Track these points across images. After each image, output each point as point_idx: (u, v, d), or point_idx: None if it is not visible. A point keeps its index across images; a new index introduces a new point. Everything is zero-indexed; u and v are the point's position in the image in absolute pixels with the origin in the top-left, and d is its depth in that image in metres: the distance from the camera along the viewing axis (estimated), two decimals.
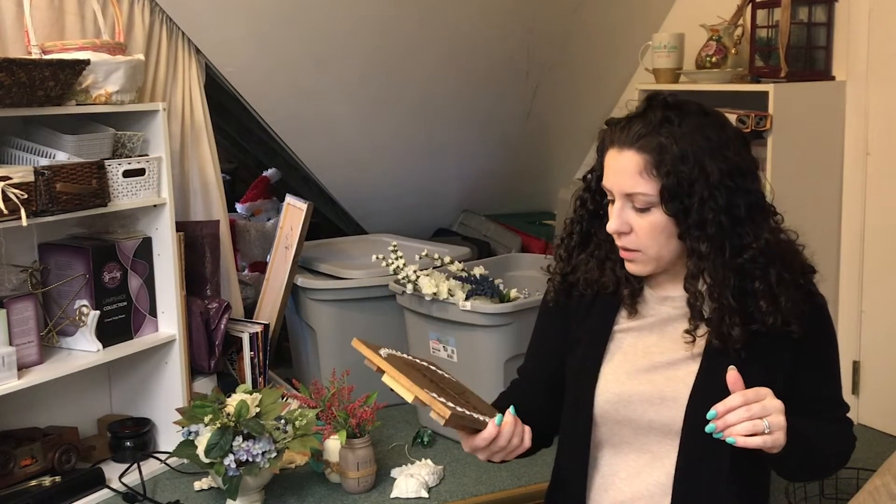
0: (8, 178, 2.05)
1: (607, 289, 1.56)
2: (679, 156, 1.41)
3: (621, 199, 1.46)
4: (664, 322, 1.54)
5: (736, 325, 1.43)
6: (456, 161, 3.62)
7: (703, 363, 1.47)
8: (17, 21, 2.33)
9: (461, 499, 2.31)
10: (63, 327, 2.38)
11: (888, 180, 2.64)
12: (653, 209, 1.44)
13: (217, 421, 2.19)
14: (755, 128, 2.60)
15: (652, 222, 1.44)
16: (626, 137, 1.45)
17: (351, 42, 3.02)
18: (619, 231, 1.47)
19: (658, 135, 1.42)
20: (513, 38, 3.29)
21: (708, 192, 1.41)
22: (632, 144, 1.44)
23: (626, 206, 1.46)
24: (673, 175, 1.40)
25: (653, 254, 1.47)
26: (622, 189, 1.45)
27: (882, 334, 2.69)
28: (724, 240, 1.42)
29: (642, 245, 1.46)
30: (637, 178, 1.43)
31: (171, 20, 2.69)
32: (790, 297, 1.45)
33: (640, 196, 1.43)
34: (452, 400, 1.42)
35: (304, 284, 2.94)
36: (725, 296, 1.43)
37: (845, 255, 2.75)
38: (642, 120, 1.45)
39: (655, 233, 1.45)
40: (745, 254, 1.43)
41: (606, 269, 1.56)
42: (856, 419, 2.75)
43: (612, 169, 1.47)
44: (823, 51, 2.76)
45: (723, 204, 1.41)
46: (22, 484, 2.26)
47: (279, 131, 3.22)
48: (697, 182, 1.41)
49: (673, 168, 1.40)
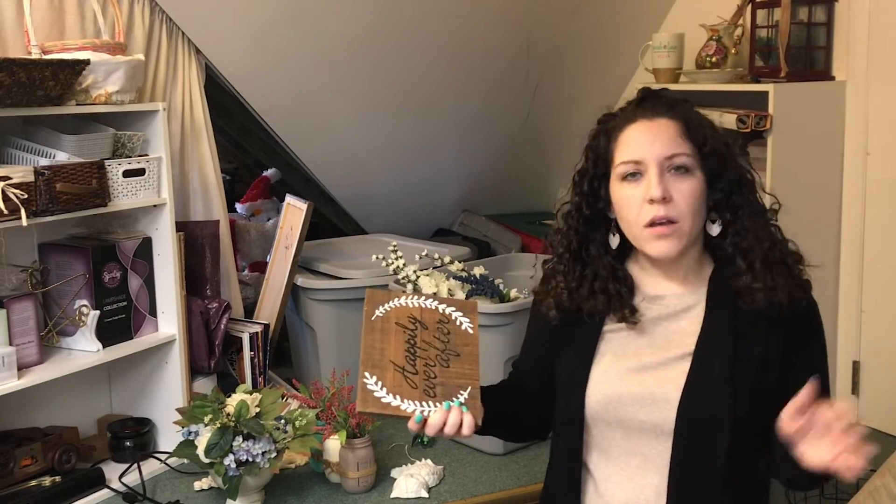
0: (8, 178, 2.05)
1: (602, 314, 1.57)
2: (708, 124, 1.52)
3: (658, 166, 1.46)
4: (654, 322, 1.54)
5: (781, 274, 1.48)
6: (456, 161, 3.62)
7: (695, 363, 1.47)
8: (17, 21, 2.33)
9: (461, 499, 2.31)
10: (63, 327, 2.38)
11: (888, 180, 2.64)
12: (692, 172, 1.48)
13: (217, 421, 2.19)
14: (755, 128, 2.60)
15: (693, 186, 1.47)
16: (653, 109, 1.51)
17: (351, 42, 3.02)
18: (664, 196, 1.45)
19: (681, 106, 1.52)
20: (513, 39, 3.29)
21: (733, 161, 1.52)
22: (664, 114, 1.49)
23: (664, 173, 1.47)
24: (710, 138, 1.49)
25: (687, 226, 1.48)
26: (663, 153, 1.47)
27: (882, 334, 2.69)
28: (753, 203, 1.52)
29: (681, 214, 1.46)
30: (679, 140, 1.47)
31: (171, 20, 2.69)
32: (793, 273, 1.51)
33: (683, 157, 1.47)
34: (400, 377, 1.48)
35: (304, 284, 2.94)
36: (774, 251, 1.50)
37: (845, 255, 2.75)
38: (658, 98, 1.54)
39: (695, 196, 1.47)
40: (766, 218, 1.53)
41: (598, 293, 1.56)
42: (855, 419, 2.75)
43: (644, 139, 1.49)
44: (823, 51, 2.76)
45: (742, 174, 1.52)
46: (22, 484, 2.26)
47: (279, 131, 3.22)
48: (723, 151, 1.50)
49: (707, 132, 1.49)
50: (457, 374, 1.50)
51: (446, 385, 1.49)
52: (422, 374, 1.49)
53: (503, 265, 3.04)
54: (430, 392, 1.48)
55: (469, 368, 1.52)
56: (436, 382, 1.49)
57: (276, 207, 3.97)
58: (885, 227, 2.66)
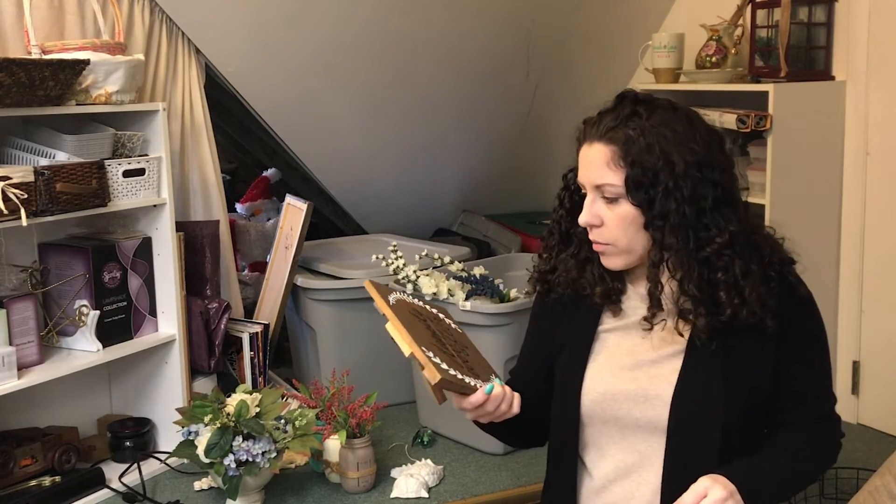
0: (8, 178, 2.05)
1: (585, 290, 1.58)
2: (645, 147, 1.45)
3: (592, 191, 1.50)
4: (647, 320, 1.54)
5: (701, 315, 1.45)
6: (456, 161, 3.62)
7: (686, 360, 1.49)
8: (17, 21, 2.33)
9: (461, 499, 2.31)
10: (63, 327, 2.38)
11: (888, 180, 2.64)
12: (621, 200, 1.47)
13: (217, 421, 2.19)
14: (755, 128, 2.60)
15: (620, 214, 1.47)
16: (595, 131, 1.50)
17: (351, 42, 3.02)
18: (590, 223, 1.50)
19: (626, 127, 1.47)
20: (513, 39, 3.29)
21: (673, 182, 1.43)
22: (601, 137, 1.48)
23: (597, 198, 1.49)
24: (638, 165, 1.44)
25: (623, 246, 1.49)
26: (592, 181, 1.49)
27: (882, 334, 2.69)
28: (688, 230, 1.44)
29: (612, 237, 1.49)
30: (605, 169, 1.47)
31: (171, 20, 2.69)
32: (755, 288, 1.45)
33: (608, 186, 1.47)
34: (448, 360, 1.43)
35: (304, 284, 2.94)
36: (690, 287, 1.45)
37: (845, 255, 2.75)
38: (612, 114, 1.50)
39: (624, 224, 1.47)
40: (710, 246, 1.44)
41: (587, 270, 1.58)
42: (856, 419, 2.75)
43: (584, 163, 1.51)
44: (823, 51, 2.76)
45: (687, 195, 1.43)
46: (22, 484, 2.26)
47: (279, 131, 3.22)
48: (662, 172, 1.43)
49: (638, 158, 1.44)
50: (476, 361, 1.50)
51: (476, 368, 1.49)
52: (457, 357, 1.47)
53: (503, 265, 3.04)
54: (472, 372, 1.46)
55: (482, 358, 1.52)
56: (470, 365, 1.48)
57: (276, 207, 3.97)
58: (885, 227, 2.66)
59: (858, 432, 2.69)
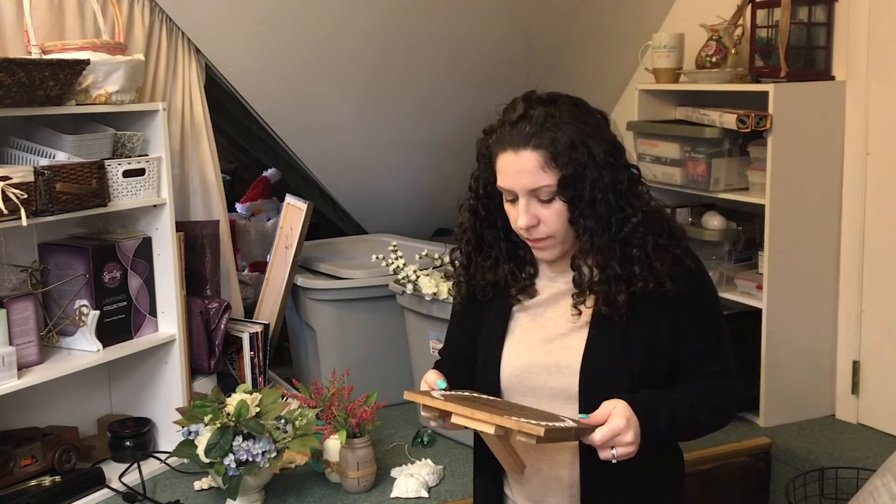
0: (8, 178, 2.05)
1: (501, 285, 1.68)
2: (569, 144, 1.52)
3: (525, 196, 1.54)
4: (556, 297, 1.65)
5: (621, 291, 1.54)
6: (456, 161, 3.61)
7: (591, 331, 1.59)
8: (17, 21, 2.33)
9: (461, 499, 2.31)
10: (63, 327, 2.38)
11: (888, 180, 2.64)
12: (555, 198, 1.54)
13: (217, 421, 2.19)
14: (755, 128, 2.60)
15: (555, 210, 1.54)
16: (518, 139, 1.54)
17: (351, 42, 3.02)
18: (530, 225, 1.55)
19: (547, 130, 1.53)
20: (513, 38, 3.29)
21: (597, 172, 1.52)
22: (526, 144, 1.53)
23: (532, 201, 1.55)
24: (570, 164, 1.51)
25: (560, 237, 1.57)
26: (526, 187, 1.54)
27: (882, 334, 2.69)
28: (611, 215, 1.54)
29: (552, 231, 1.56)
30: (540, 174, 1.52)
31: (171, 20, 2.69)
32: (664, 261, 1.55)
33: (546, 189, 1.53)
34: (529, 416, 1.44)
35: (304, 284, 2.94)
36: (612, 266, 1.54)
37: (845, 255, 2.75)
38: (527, 121, 1.55)
39: (562, 219, 1.55)
40: (627, 226, 1.54)
41: (499, 267, 1.67)
42: (856, 419, 2.75)
43: (511, 170, 1.55)
44: (823, 51, 2.76)
45: (609, 182, 1.53)
46: (22, 484, 2.26)
47: (279, 131, 3.22)
48: (588, 166, 1.52)
49: (569, 158, 1.51)
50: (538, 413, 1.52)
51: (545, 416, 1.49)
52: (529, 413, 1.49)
53: None
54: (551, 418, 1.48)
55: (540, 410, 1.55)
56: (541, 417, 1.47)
57: (276, 207, 3.97)
58: (885, 227, 2.66)
59: (858, 432, 2.69)
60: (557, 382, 1.60)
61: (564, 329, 1.62)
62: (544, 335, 1.64)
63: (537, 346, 1.64)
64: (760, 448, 2.61)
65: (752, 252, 2.86)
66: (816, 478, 2.41)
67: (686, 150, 2.87)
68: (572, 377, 1.58)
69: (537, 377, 1.62)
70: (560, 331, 1.63)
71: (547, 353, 1.62)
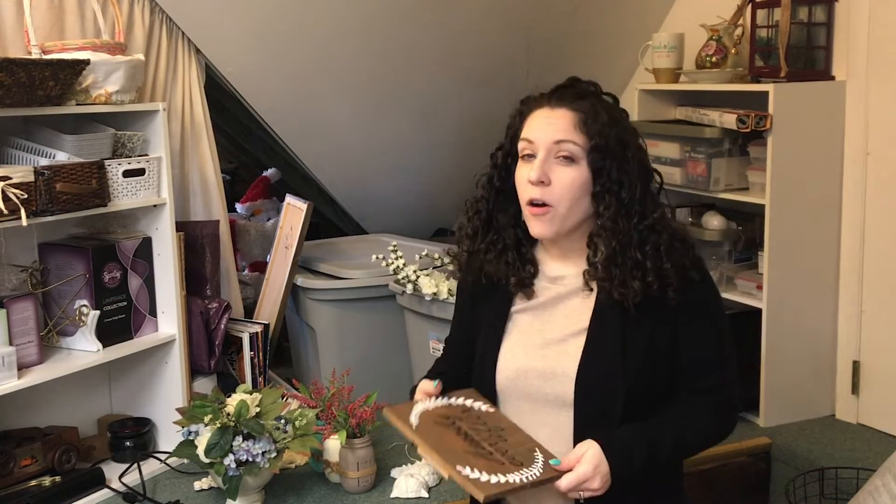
0: (8, 178, 2.05)
1: (501, 280, 1.67)
2: (607, 121, 1.57)
3: (547, 150, 1.56)
4: (556, 300, 1.64)
5: (637, 278, 1.54)
6: (456, 161, 3.62)
7: (589, 338, 1.58)
8: (17, 21, 2.33)
9: (461, 499, 2.31)
10: (63, 327, 2.38)
11: (888, 180, 2.64)
12: (578, 162, 1.56)
13: (217, 421, 2.19)
14: (755, 128, 2.60)
15: (572, 176, 1.55)
16: (558, 99, 1.59)
17: (351, 42, 3.02)
18: (540, 179, 1.55)
19: (589, 101, 1.59)
20: (512, 38, 3.29)
21: (626, 160, 1.57)
22: (567, 104, 1.58)
23: (550, 159, 1.56)
24: (603, 135, 1.55)
25: (562, 211, 1.56)
26: (552, 138, 1.56)
27: (882, 334, 2.69)
28: (634, 204, 1.56)
29: (556, 199, 1.56)
30: (570, 130, 1.55)
31: (171, 20, 2.69)
32: (674, 263, 1.56)
33: (570, 144, 1.55)
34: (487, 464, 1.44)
35: (304, 284, 2.94)
36: (631, 252, 1.55)
37: (845, 255, 2.75)
38: (572, 89, 1.62)
39: (574, 185, 1.56)
40: (648, 220, 1.57)
41: (502, 260, 1.66)
42: (856, 419, 2.75)
43: (542, 123, 1.58)
44: (823, 51, 2.76)
45: (635, 174, 1.57)
46: (22, 484, 2.26)
47: (279, 131, 3.22)
48: (618, 148, 1.56)
49: (603, 129, 1.55)
50: (517, 443, 1.52)
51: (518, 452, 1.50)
52: (496, 453, 1.49)
53: None
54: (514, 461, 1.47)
55: (522, 436, 1.55)
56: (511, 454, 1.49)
57: (276, 207, 3.97)
58: (885, 227, 2.66)
59: (858, 432, 2.69)
60: (553, 389, 1.58)
61: (562, 334, 1.61)
62: (541, 339, 1.63)
63: (534, 350, 1.62)
64: (760, 448, 2.61)
65: (752, 252, 2.86)
66: (816, 478, 2.40)
67: (686, 150, 2.87)
68: (568, 384, 1.57)
69: (533, 382, 1.60)
70: (557, 336, 1.62)
71: (543, 357, 1.61)
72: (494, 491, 1.40)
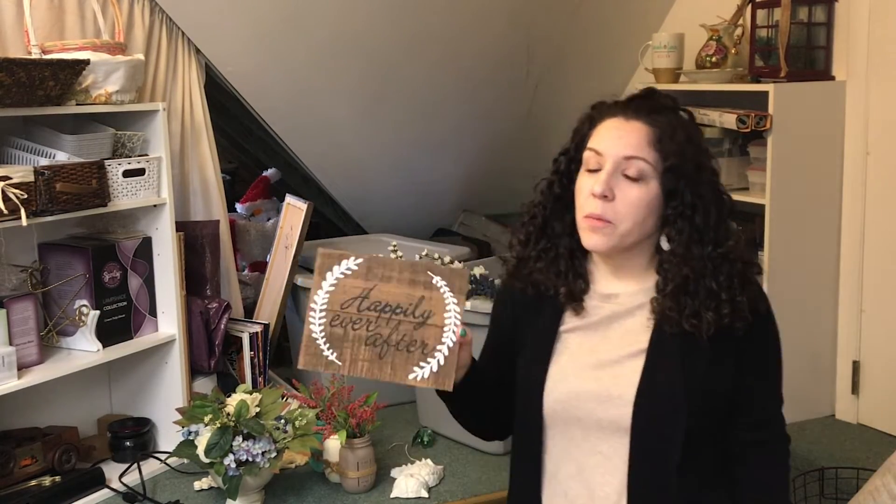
0: (8, 178, 2.05)
1: (549, 290, 1.58)
2: (683, 140, 1.49)
3: (615, 164, 1.48)
4: (609, 320, 1.55)
5: (710, 309, 1.47)
6: (456, 161, 3.62)
7: (648, 360, 1.49)
8: (17, 21, 2.33)
9: (461, 499, 2.31)
10: (63, 327, 2.38)
11: (888, 180, 2.64)
12: (646, 180, 1.48)
13: (217, 421, 2.19)
14: (755, 128, 2.60)
15: (639, 194, 1.47)
16: (633, 110, 1.51)
17: (351, 42, 3.02)
18: (604, 194, 1.47)
19: (667, 115, 1.51)
20: (513, 38, 3.29)
21: (700, 182, 1.49)
22: (642, 117, 1.49)
23: (617, 173, 1.48)
24: (678, 155, 1.47)
25: (623, 229, 1.49)
26: (622, 153, 1.47)
27: (882, 334, 2.69)
28: (708, 230, 1.49)
29: (619, 217, 1.48)
30: (642, 146, 1.47)
31: (171, 20, 2.69)
32: (748, 294, 1.50)
33: (641, 162, 1.47)
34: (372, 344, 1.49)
35: (304, 284, 2.94)
36: (706, 281, 1.48)
37: (845, 255, 2.75)
38: (649, 101, 1.53)
39: (640, 205, 1.48)
40: (723, 247, 1.49)
41: (552, 269, 1.58)
42: (856, 419, 2.75)
43: (612, 135, 1.50)
44: (823, 51, 2.76)
45: (711, 198, 1.50)
46: (22, 484, 2.26)
47: (279, 131, 3.22)
48: (694, 170, 1.49)
49: (679, 148, 1.47)
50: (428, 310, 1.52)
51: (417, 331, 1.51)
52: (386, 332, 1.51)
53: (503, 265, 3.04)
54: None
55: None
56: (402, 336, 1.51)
57: (276, 207, 3.97)
58: (885, 227, 2.66)
59: (858, 432, 2.69)
60: (608, 413, 1.49)
61: (616, 356, 1.52)
62: (595, 360, 1.52)
63: (586, 371, 1.52)
64: None
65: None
66: (816, 478, 2.40)
67: None
68: (625, 408, 1.47)
69: (585, 405, 1.50)
70: (612, 357, 1.52)
71: (597, 379, 1.51)
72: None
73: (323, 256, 1.58)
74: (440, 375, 1.47)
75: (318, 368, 1.52)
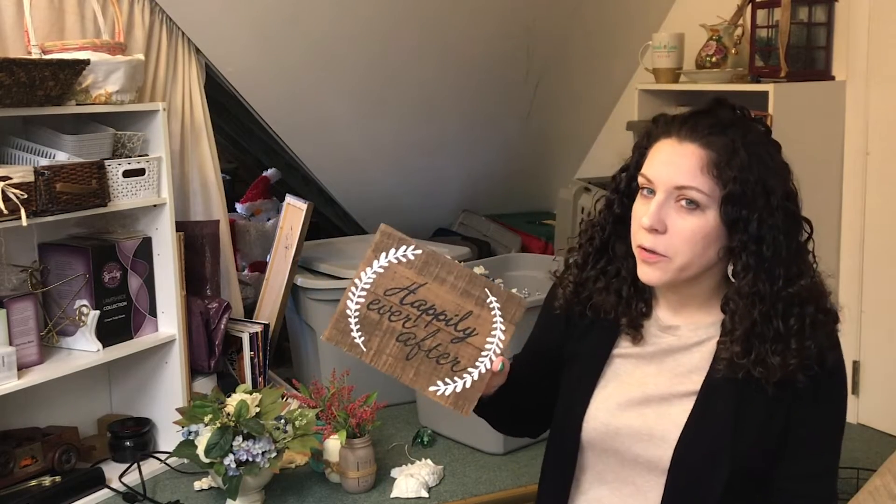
0: (8, 178, 2.05)
1: (610, 314, 1.49)
2: (746, 163, 1.34)
3: (666, 193, 1.35)
4: (664, 353, 1.47)
5: (777, 353, 1.33)
6: (456, 161, 3.62)
7: (698, 403, 1.40)
8: (17, 21, 2.32)
9: (461, 499, 2.31)
10: (63, 327, 2.38)
11: (888, 180, 2.64)
12: (703, 210, 1.34)
13: (217, 421, 2.19)
14: None
15: (697, 225, 1.34)
16: (689, 131, 1.37)
17: (351, 42, 3.02)
18: (654, 227, 1.35)
19: (727, 136, 1.36)
20: (513, 39, 3.29)
21: (769, 210, 1.34)
22: (697, 139, 1.35)
23: (669, 202, 1.35)
24: (739, 182, 1.32)
25: (680, 263, 1.36)
26: (674, 181, 1.34)
27: (882, 334, 2.69)
28: (779, 265, 1.35)
29: (673, 251, 1.36)
30: (695, 174, 1.33)
31: (171, 20, 2.69)
32: (817, 342, 1.36)
33: (695, 192, 1.33)
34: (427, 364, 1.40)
35: (304, 284, 2.94)
36: (775, 324, 1.34)
37: (845, 255, 2.75)
38: (710, 117, 1.39)
39: (696, 238, 1.34)
40: (795, 286, 1.35)
41: (612, 291, 1.48)
42: (856, 419, 2.75)
43: (665, 160, 1.37)
44: (823, 51, 2.76)
45: (782, 226, 1.35)
46: (22, 484, 2.26)
47: (279, 131, 3.22)
48: (760, 196, 1.34)
49: (740, 173, 1.33)
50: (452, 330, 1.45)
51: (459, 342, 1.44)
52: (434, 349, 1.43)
53: (503, 265, 3.04)
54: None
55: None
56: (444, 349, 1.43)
57: (276, 207, 3.97)
58: (885, 227, 2.66)
59: (858, 432, 2.69)
60: (647, 451, 1.41)
61: (665, 392, 1.43)
62: (642, 394, 1.44)
63: (631, 405, 1.44)
64: None
65: None
66: None
67: None
68: (666, 449, 1.39)
69: (624, 440, 1.43)
70: (661, 392, 1.43)
71: (641, 416, 1.43)
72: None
73: (383, 234, 1.49)
74: (461, 399, 1.40)
75: (341, 346, 1.44)
